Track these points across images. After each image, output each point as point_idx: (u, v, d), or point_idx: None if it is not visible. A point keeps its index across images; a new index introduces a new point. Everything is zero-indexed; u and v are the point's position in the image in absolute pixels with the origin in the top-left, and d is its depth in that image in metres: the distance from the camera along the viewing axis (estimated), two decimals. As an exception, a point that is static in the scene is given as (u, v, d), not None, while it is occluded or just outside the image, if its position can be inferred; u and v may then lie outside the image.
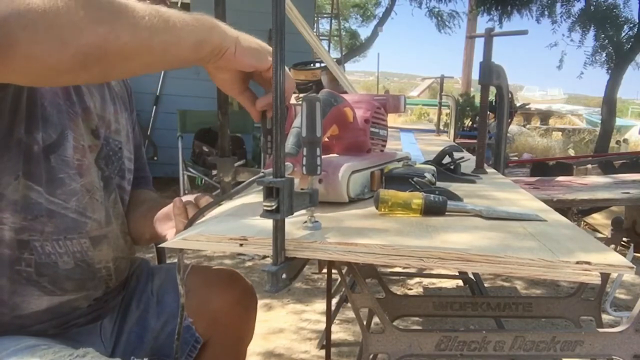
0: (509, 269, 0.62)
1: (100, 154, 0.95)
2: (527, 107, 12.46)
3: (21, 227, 0.83)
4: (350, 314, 2.53)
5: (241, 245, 0.66)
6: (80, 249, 0.89)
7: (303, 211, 0.70)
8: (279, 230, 0.61)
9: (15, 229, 0.82)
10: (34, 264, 0.85)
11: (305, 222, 0.72)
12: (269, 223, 0.62)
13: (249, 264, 3.39)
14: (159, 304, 1.05)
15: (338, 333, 2.40)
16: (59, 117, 0.86)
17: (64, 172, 0.86)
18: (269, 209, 0.59)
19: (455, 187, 1.04)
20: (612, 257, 0.63)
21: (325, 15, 10.81)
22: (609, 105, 7.65)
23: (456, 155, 1.30)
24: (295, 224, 0.72)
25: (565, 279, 0.61)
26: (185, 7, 6.30)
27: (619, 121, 11.51)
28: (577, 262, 0.61)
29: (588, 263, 0.61)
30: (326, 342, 1.90)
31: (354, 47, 13.09)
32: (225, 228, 0.71)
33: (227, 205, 0.88)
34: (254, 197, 0.95)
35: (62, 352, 0.77)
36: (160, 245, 0.72)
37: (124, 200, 1.03)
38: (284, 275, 0.62)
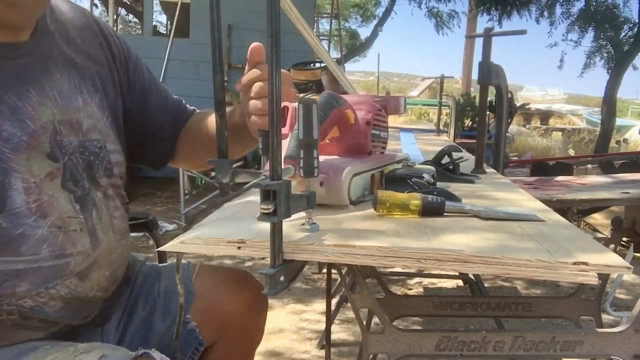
0: (506, 269, 0.62)
1: (65, 176, 0.82)
2: (527, 107, 12.45)
3: None
4: (350, 314, 2.53)
5: (239, 248, 0.66)
6: (68, 290, 0.81)
7: (301, 213, 0.70)
8: (276, 232, 0.61)
9: None
10: (17, 313, 0.77)
11: (303, 224, 0.72)
12: (267, 226, 0.62)
13: (249, 264, 3.39)
14: (165, 305, 1.01)
15: (338, 333, 2.40)
16: None
17: (20, 227, 0.75)
18: (266, 211, 0.59)
19: (454, 188, 1.04)
20: (609, 258, 0.63)
21: (325, 15, 10.80)
22: (609, 105, 7.64)
23: (455, 155, 1.31)
24: (293, 226, 0.72)
25: (563, 279, 0.61)
26: (185, 7, 6.31)
27: (619, 121, 11.49)
28: (575, 263, 0.61)
29: (585, 264, 0.61)
30: (326, 342, 1.89)
31: (354, 47, 13.08)
32: (223, 231, 0.71)
33: (225, 208, 0.88)
34: (253, 199, 0.95)
35: (67, 349, 0.75)
36: (160, 249, 0.72)
37: (121, 195, 0.95)
38: (282, 278, 0.62)
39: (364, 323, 0.99)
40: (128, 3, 9.77)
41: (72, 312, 0.84)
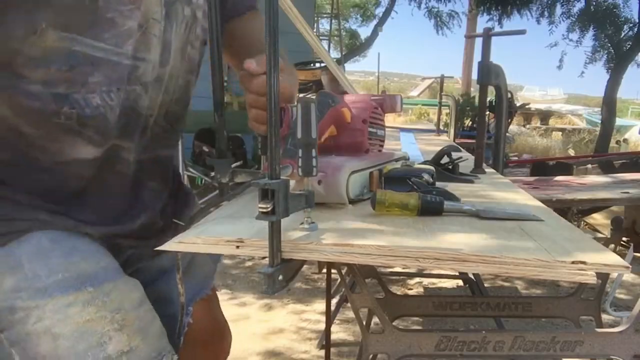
0: (504, 268, 0.62)
1: None
2: (527, 107, 12.45)
3: (54, 79, 0.70)
4: (350, 314, 2.53)
5: (237, 247, 0.66)
6: (128, 98, 0.77)
7: (300, 212, 0.70)
8: (274, 232, 0.61)
9: (44, 81, 0.69)
10: (75, 117, 0.73)
11: (302, 223, 0.72)
12: (266, 225, 0.62)
13: (249, 263, 3.39)
14: (163, 295, 0.95)
15: (338, 333, 2.40)
16: None
17: (114, 10, 0.70)
18: (264, 210, 0.59)
19: (453, 187, 1.04)
20: (608, 257, 0.63)
21: (325, 15, 10.82)
22: (609, 105, 7.65)
23: (454, 155, 1.30)
24: (292, 225, 0.72)
25: (561, 278, 0.61)
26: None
27: (619, 121, 11.49)
28: (573, 262, 0.61)
29: (583, 263, 0.61)
30: (326, 342, 1.89)
31: (354, 47, 13.09)
32: (221, 230, 0.71)
33: (224, 207, 0.88)
34: (252, 198, 0.95)
35: (102, 312, 0.73)
36: (158, 248, 0.72)
37: (204, 29, 0.88)
38: (280, 277, 0.62)
39: (364, 323, 0.99)
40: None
41: (122, 125, 0.79)
